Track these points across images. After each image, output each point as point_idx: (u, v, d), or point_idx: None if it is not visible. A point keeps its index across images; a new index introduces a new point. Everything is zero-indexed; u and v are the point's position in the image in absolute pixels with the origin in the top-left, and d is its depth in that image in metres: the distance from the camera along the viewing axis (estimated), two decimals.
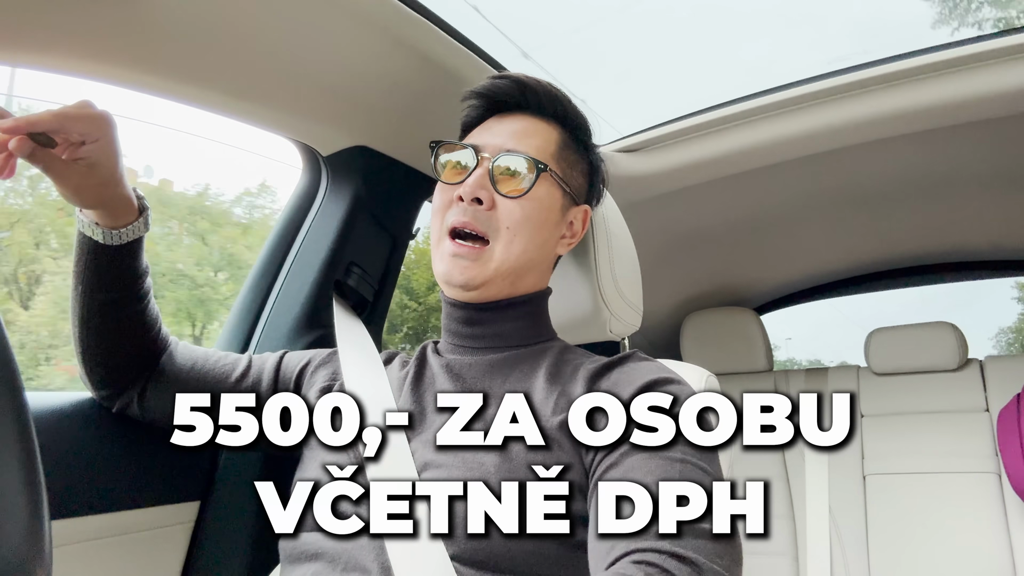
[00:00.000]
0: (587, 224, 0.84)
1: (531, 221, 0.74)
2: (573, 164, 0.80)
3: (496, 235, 0.73)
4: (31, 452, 0.35)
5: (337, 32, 0.86)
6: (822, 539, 1.82)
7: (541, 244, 0.76)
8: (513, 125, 0.78)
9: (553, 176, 0.76)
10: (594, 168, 0.84)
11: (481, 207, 0.73)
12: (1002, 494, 1.70)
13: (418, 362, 0.79)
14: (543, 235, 0.76)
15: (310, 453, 0.76)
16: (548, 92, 0.79)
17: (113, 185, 0.72)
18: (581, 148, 0.82)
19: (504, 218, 0.73)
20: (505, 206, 0.73)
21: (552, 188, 0.76)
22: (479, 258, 0.73)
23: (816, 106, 1.31)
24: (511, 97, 0.79)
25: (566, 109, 0.80)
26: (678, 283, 2.16)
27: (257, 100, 0.95)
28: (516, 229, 0.73)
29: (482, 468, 0.63)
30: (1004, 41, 1.14)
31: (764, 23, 8.68)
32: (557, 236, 0.79)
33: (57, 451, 0.78)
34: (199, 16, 0.78)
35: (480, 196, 0.72)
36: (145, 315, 0.81)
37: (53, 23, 0.72)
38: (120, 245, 0.75)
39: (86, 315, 0.77)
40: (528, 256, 0.75)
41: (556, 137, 0.79)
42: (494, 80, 0.80)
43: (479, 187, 0.72)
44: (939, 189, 1.66)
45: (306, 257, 1.09)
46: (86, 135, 0.67)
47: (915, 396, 1.90)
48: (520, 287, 0.77)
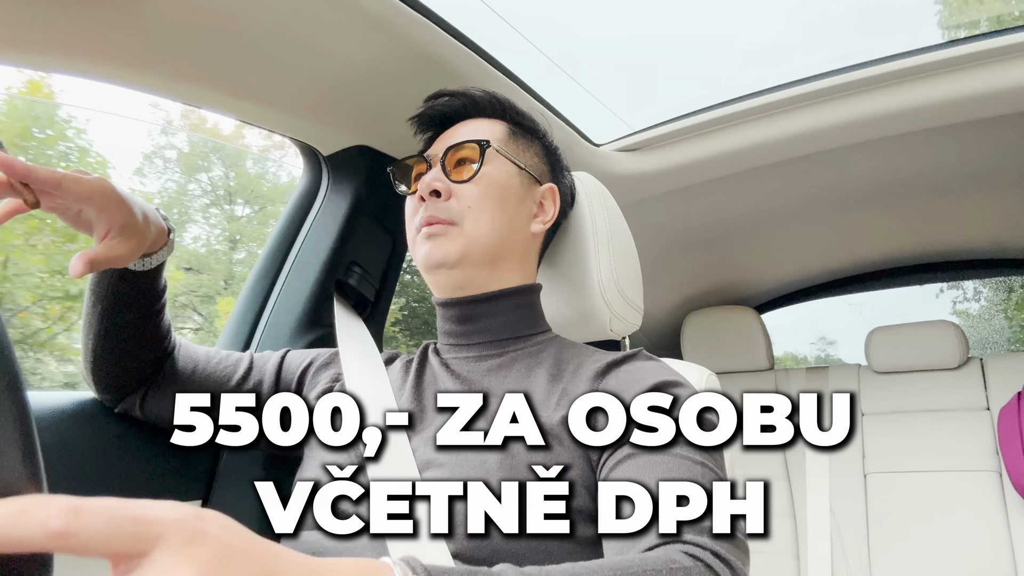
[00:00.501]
0: (558, 202, 0.85)
1: (490, 197, 0.77)
2: (524, 148, 0.83)
3: (461, 218, 0.76)
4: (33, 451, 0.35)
5: (338, 31, 0.86)
6: (823, 537, 1.83)
7: (508, 220, 0.78)
8: (460, 129, 0.83)
9: (500, 152, 0.79)
10: (550, 151, 0.88)
11: (440, 199, 0.76)
12: (1003, 492, 1.70)
13: (419, 362, 0.80)
14: (508, 211, 0.78)
15: (310, 453, 0.76)
16: (486, 96, 0.84)
17: (142, 236, 0.71)
18: (529, 134, 0.85)
19: (464, 200, 0.76)
20: (462, 191, 0.77)
21: (503, 164, 0.79)
22: (448, 233, 0.75)
23: (816, 105, 1.31)
24: (450, 109, 0.85)
25: (503, 105, 0.85)
26: (678, 282, 2.16)
27: (258, 99, 0.95)
28: (477, 207, 0.76)
29: (483, 467, 0.63)
30: (1003, 40, 1.14)
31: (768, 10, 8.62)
32: (526, 214, 0.81)
33: (58, 451, 0.78)
34: (199, 15, 0.78)
35: (436, 188, 0.76)
36: (160, 328, 0.82)
37: (53, 23, 0.72)
38: (147, 271, 0.76)
39: (103, 331, 0.77)
40: (497, 232, 0.77)
41: (501, 128, 0.83)
42: (430, 100, 0.86)
43: (434, 180, 0.76)
44: (939, 188, 1.66)
45: (307, 256, 1.09)
46: (80, 200, 0.65)
47: (916, 394, 1.90)
48: (502, 273, 0.79)
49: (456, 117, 0.85)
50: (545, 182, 0.85)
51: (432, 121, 0.87)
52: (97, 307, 0.76)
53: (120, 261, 0.69)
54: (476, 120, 0.84)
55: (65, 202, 0.65)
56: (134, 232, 0.69)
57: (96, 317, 0.77)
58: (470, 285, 0.77)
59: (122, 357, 0.79)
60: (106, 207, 0.66)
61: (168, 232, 0.77)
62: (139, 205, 0.71)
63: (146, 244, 0.72)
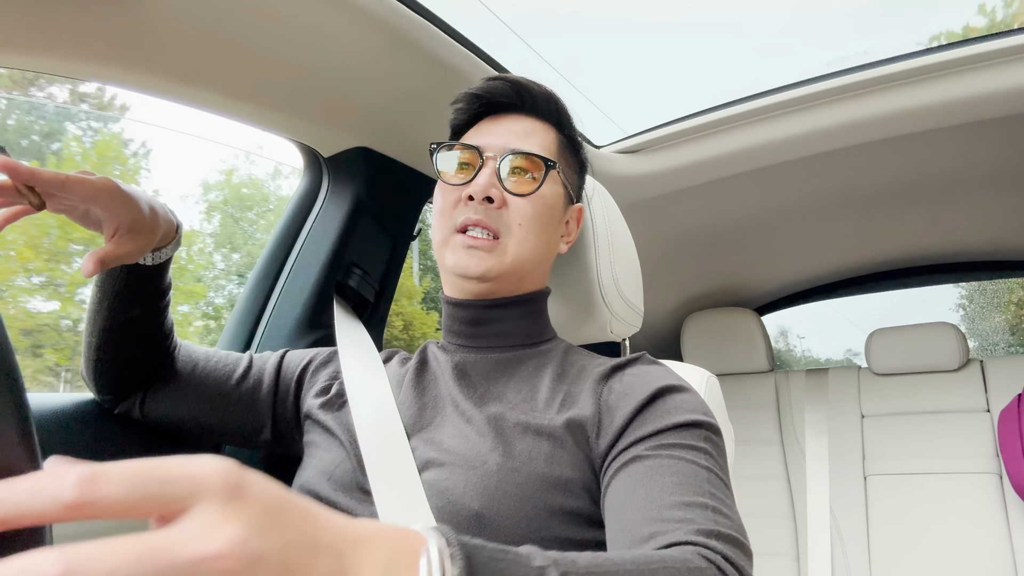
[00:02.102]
0: (581, 222, 0.85)
1: (540, 219, 0.74)
2: (570, 163, 0.81)
3: (508, 232, 0.73)
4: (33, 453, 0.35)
5: (338, 33, 0.86)
6: (823, 539, 1.82)
7: (547, 241, 0.77)
8: (513, 126, 0.78)
9: (560, 174, 0.77)
10: (583, 166, 0.86)
11: (492, 206, 0.73)
12: (1003, 494, 1.70)
13: (419, 360, 0.79)
14: (549, 232, 0.77)
15: (310, 453, 0.76)
16: (544, 93, 0.80)
17: (150, 231, 0.71)
18: (575, 146, 0.83)
19: (516, 216, 0.73)
20: (516, 204, 0.73)
21: (556, 186, 0.77)
22: (494, 250, 0.73)
23: (816, 107, 1.31)
24: (507, 98, 0.79)
25: (560, 110, 0.81)
26: (678, 283, 2.16)
27: (258, 102, 0.95)
28: (528, 226, 0.73)
29: (484, 467, 0.63)
30: (1004, 42, 1.14)
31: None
32: (559, 235, 0.81)
33: (58, 451, 0.78)
34: (200, 17, 0.78)
35: (491, 195, 0.72)
36: (163, 327, 0.82)
37: (53, 25, 0.72)
38: (155, 265, 0.76)
39: (107, 327, 0.77)
40: (538, 253, 0.76)
41: (554, 137, 0.79)
42: (490, 81, 0.80)
43: (490, 186, 0.72)
44: (939, 189, 1.66)
45: (307, 258, 1.09)
46: (86, 200, 0.65)
47: (916, 396, 1.90)
48: (525, 284, 0.78)
49: (508, 107, 0.80)
50: (577, 201, 0.83)
51: (479, 102, 0.80)
52: (104, 303, 0.76)
53: (130, 258, 0.70)
54: (530, 119, 0.79)
55: (71, 202, 0.66)
56: (142, 228, 0.70)
57: (102, 314, 0.77)
58: (491, 295, 0.76)
59: (125, 356, 0.79)
60: (112, 206, 0.67)
61: (176, 227, 0.77)
62: (146, 200, 0.71)
63: (155, 239, 0.72)
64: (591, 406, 0.66)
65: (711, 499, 0.56)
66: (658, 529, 0.53)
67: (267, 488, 0.31)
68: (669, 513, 0.54)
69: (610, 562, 0.44)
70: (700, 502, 0.55)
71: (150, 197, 0.73)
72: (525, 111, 0.80)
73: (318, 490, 0.69)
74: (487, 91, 0.80)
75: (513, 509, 0.60)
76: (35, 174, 0.61)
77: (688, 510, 0.54)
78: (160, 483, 0.28)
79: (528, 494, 0.61)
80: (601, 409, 0.65)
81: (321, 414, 0.77)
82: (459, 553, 0.36)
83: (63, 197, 0.64)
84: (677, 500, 0.55)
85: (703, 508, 0.54)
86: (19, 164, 0.59)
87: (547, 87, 0.81)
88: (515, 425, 0.66)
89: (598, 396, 0.67)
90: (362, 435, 0.70)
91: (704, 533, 0.52)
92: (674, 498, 0.55)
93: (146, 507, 0.28)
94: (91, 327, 0.78)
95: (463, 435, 0.67)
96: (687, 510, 0.54)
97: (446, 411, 0.71)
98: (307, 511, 0.32)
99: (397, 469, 0.66)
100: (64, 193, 0.63)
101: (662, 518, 0.54)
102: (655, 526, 0.53)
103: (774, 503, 1.96)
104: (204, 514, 0.28)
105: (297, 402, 0.83)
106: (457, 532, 0.38)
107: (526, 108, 0.79)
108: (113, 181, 0.67)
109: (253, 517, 0.29)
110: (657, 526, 0.53)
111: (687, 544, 0.51)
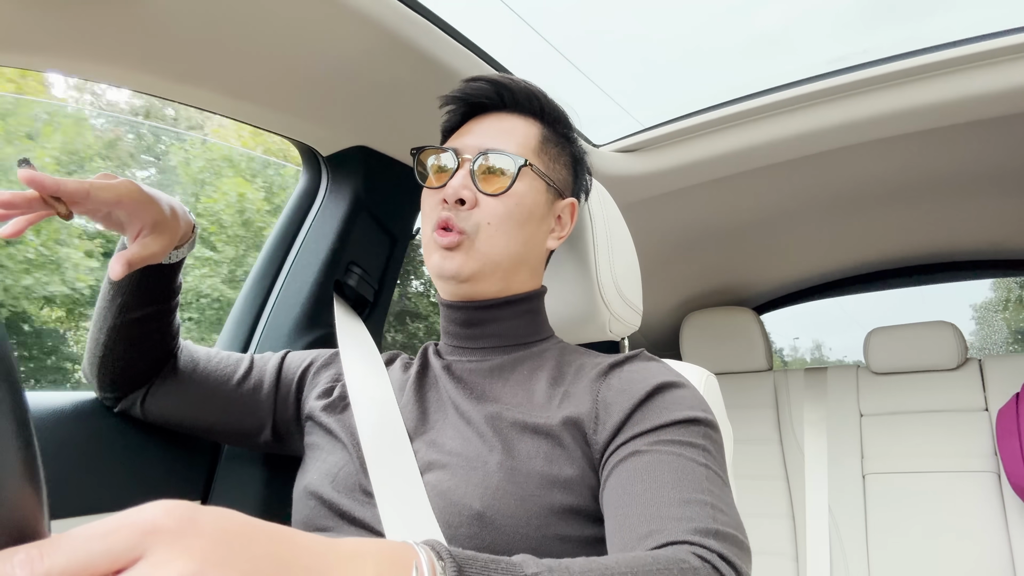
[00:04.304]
0: (575, 217, 0.83)
1: (513, 217, 0.74)
2: (555, 158, 0.80)
3: (477, 231, 0.73)
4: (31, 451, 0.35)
5: (337, 32, 0.86)
6: (822, 538, 1.83)
7: (526, 239, 0.76)
8: (492, 125, 0.78)
9: (534, 171, 0.76)
10: (577, 160, 0.84)
11: (464, 207, 0.73)
12: (1001, 493, 1.71)
13: (420, 363, 0.79)
14: (527, 230, 0.76)
15: (311, 453, 0.76)
16: (524, 89, 0.79)
17: (172, 231, 0.73)
18: (563, 141, 0.82)
19: (486, 215, 0.73)
20: (487, 204, 0.73)
21: (534, 182, 0.76)
22: (461, 247, 0.72)
23: (815, 106, 1.31)
24: (487, 98, 0.79)
25: (543, 104, 0.80)
26: (678, 283, 2.17)
27: (257, 100, 0.95)
28: (498, 225, 0.73)
29: (485, 467, 0.63)
30: (1004, 41, 1.14)
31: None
32: (545, 231, 0.79)
33: (57, 451, 0.78)
34: (199, 17, 0.78)
35: (463, 196, 0.72)
36: (172, 326, 0.82)
37: (53, 24, 0.72)
38: (170, 264, 0.78)
39: (117, 325, 0.78)
40: (512, 251, 0.74)
41: (536, 132, 0.78)
42: (469, 83, 0.80)
43: (462, 187, 0.73)
44: (939, 189, 1.66)
45: (306, 257, 1.09)
46: (110, 205, 0.67)
47: (914, 395, 1.91)
48: (514, 284, 0.77)
49: (490, 107, 0.80)
50: (568, 196, 0.82)
51: (462, 104, 0.81)
52: (116, 300, 0.77)
53: (155, 258, 0.71)
54: (511, 116, 0.79)
55: (95, 208, 0.67)
56: (165, 228, 0.72)
57: (113, 311, 0.77)
58: (479, 295, 0.76)
59: (131, 354, 0.80)
60: (135, 208, 0.69)
61: (192, 227, 0.78)
62: (166, 201, 0.73)
63: (177, 238, 0.74)
64: (588, 403, 0.66)
65: (709, 496, 0.56)
66: (656, 527, 0.53)
67: (223, 519, 0.31)
68: (667, 511, 0.54)
69: (604, 566, 0.44)
70: (698, 499, 0.55)
71: (169, 198, 0.74)
72: (507, 109, 0.79)
73: (321, 492, 0.69)
74: (465, 92, 0.80)
75: (514, 508, 0.61)
76: (60, 185, 0.62)
77: (686, 508, 0.54)
78: (104, 538, 0.28)
79: (529, 493, 0.61)
80: (599, 405, 0.65)
81: (323, 416, 0.77)
82: (451, 565, 0.36)
83: (88, 204, 0.65)
84: (675, 497, 0.55)
85: (701, 505, 0.54)
86: (45, 177, 0.61)
87: (529, 83, 0.80)
88: (514, 425, 0.66)
89: (595, 393, 0.67)
90: (364, 437, 0.70)
91: (702, 531, 0.52)
92: (672, 495, 0.55)
93: (100, 565, 0.28)
94: (100, 324, 0.79)
95: (464, 436, 0.67)
96: (685, 508, 0.54)
97: (447, 413, 0.71)
98: (278, 535, 0.32)
99: (399, 471, 0.66)
100: (88, 201, 0.65)
101: (660, 516, 0.54)
102: (653, 524, 0.54)
103: (773, 502, 1.97)
104: (155, 555, 0.28)
105: (298, 403, 0.83)
106: (454, 536, 0.38)
107: (507, 106, 0.79)
108: (135, 184, 0.69)
109: (207, 549, 0.29)
110: (655, 524, 0.54)
111: (684, 543, 0.51)
